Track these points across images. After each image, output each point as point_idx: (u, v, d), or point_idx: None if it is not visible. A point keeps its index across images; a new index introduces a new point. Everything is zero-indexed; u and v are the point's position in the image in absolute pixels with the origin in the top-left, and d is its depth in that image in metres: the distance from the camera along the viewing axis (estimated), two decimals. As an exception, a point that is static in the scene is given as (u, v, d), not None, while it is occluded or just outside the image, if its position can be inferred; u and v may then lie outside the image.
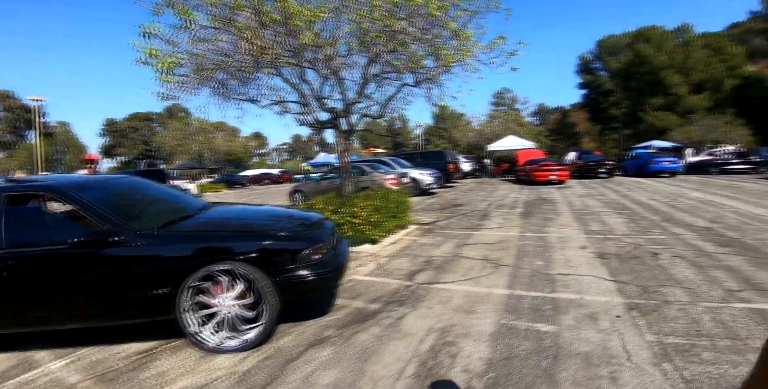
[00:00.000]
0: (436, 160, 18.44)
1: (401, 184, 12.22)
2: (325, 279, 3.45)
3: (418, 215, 9.85)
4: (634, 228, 7.55)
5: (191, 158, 38.58)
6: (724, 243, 6.27)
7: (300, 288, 3.37)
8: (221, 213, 4.19)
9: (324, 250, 3.52)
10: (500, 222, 8.47)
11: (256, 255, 3.23)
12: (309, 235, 3.55)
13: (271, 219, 4.02)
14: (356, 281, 4.87)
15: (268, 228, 3.62)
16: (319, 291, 3.54)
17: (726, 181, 18.20)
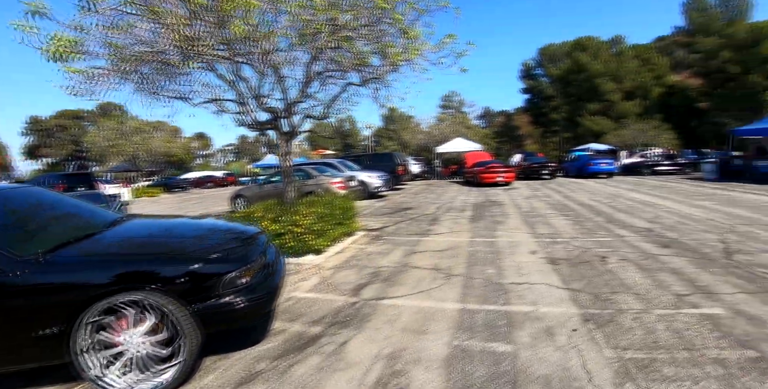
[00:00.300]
0: (385, 162, 18.19)
1: (349, 187, 11.81)
2: (256, 306, 2.98)
3: (367, 220, 9.49)
4: (580, 231, 7.59)
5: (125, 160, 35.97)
6: (665, 244, 6.41)
7: (225, 318, 2.88)
8: (132, 230, 3.57)
9: (253, 272, 3.04)
10: (450, 227, 8.28)
11: (169, 282, 2.72)
12: (235, 255, 3.04)
13: (192, 236, 3.46)
14: (297, 299, 4.41)
15: (185, 249, 3.08)
16: (249, 319, 3.05)
17: (657, 181, 19.32)
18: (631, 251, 6.02)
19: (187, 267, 2.81)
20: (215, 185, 38.07)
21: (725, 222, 8.17)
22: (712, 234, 7.11)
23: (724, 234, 7.01)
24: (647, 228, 7.68)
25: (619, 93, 44.15)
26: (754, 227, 7.58)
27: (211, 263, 2.89)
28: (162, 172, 44.10)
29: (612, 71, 44.15)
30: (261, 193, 11.83)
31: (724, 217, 8.68)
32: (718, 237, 6.79)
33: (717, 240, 6.64)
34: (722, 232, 7.18)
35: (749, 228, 7.45)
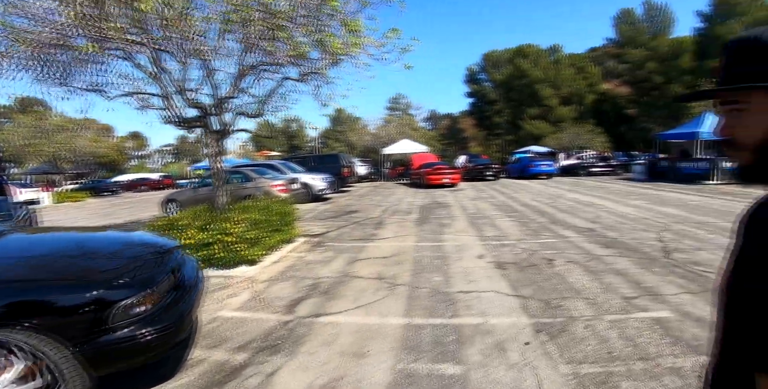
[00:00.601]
0: (331, 163, 17.67)
1: (291, 190, 11.22)
2: (162, 337, 2.44)
3: (308, 225, 8.97)
4: (525, 232, 7.54)
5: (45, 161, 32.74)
6: (608, 244, 6.45)
7: (122, 355, 2.34)
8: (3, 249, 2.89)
9: (157, 296, 2.50)
10: (395, 231, 7.96)
11: (41, 317, 2.15)
12: (132, 278, 2.48)
13: (78, 254, 2.83)
14: (222, 319, 3.86)
15: (65, 272, 2.49)
16: (154, 353, 2.49)
17: (593, 181, 20.21)
18: (577, 252, 5.98)
19: (67, 296, 2.24)
20: (150, 188, 35.67)
21: (659, 220, 8.46)
22: (650, 232, 7.30)
23: (661, 233, 7.21)
24: (589, 229, 7.77)
25: (556, 98, 46.28)
26: (685, 225, 7.89)
27: (100, 289, 2.32)
28: (91, 175, 40.79)
29: (550, 78, 46.22)
30: (195, 197, 10.94)
31: (658, 216, 9.02)
32: (656, 236, 6.96)
33: (655, 238, 6.79)
34: (658, 231, 7.38)
35: (681, 227, 7.74)
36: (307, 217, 10.30)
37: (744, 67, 0.69)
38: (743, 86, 0.69)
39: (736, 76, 0.70)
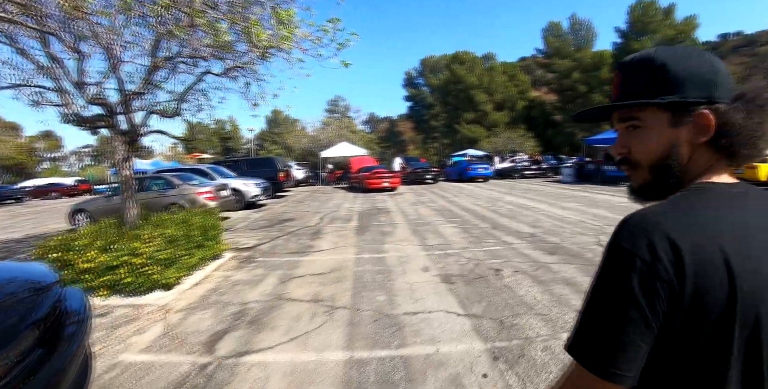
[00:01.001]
0: (266, 167, 16.71)
1: (220, 197, 10.29)
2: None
3: (238, 237, 8.19)
4: (469, 239, 7.32)
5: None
6: (552, 250, 6.37)
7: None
8: None
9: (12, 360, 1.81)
10: (334, 241, 7.41)
11: None
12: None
13: None
14: (124, 366, 3.12)
15: None
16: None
17: (526, 184, 20.85)
18: (522, 261, 5.80)
19: None
20: (63, 195, 32.12)
21: (594, 223, 8.65)
22: (588, 236, 7.36)
23: (599, 237, 7.30)
24: (531, 234, 7.72)
25: (490, 104, 47.96)
26: None
27: None
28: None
29: (485, 84, 47.82)
30: (108, 207, 9.70)
31: (592, 219, 9.23)
32: (594, 240, 7.03)
33: (594, 243, 6.84)
34: (596, 234, 7.48)
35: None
36: (238, 227, 9.48)
37: (637, 86, 0.71)
38: (635, 103, 0.71)
39: (630, 94, 0.71)
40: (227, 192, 10.94)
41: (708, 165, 0.70)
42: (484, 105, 47.68)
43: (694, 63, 0.68)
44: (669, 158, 0.70)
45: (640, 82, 0.71)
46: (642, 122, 0.71)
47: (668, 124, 0.69)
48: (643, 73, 0.70)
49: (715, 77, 0.67)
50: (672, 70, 0.68)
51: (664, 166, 0.71)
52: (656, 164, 0.71)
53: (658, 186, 0.73)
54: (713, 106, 0.66)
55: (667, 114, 0.69)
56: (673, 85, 0.68)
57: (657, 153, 0.70)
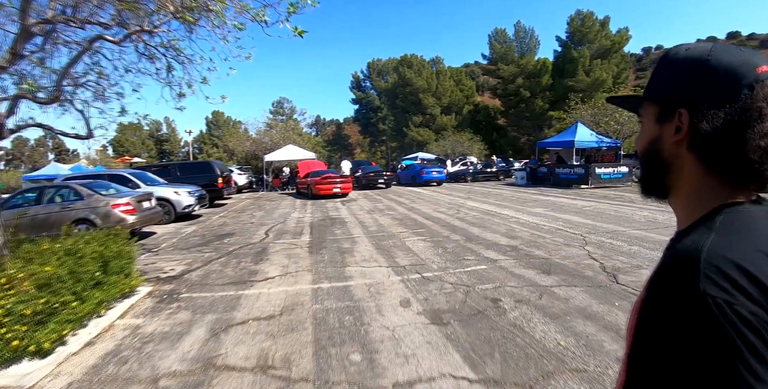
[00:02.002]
0: (202, 172, 14.82)
1: (142, 210, 8.55)
2: None
3: (162, 260, 6.60)
4: (445, 256, 6.25)
5: None
6: (544, 268, 5.50)
7: None
8: None
9: None
10: (284, 265, 6.03)
11: None
12: None
13: None
14: None
15: None
16: None
17: (482, 188, 20.31)
18: (518, 284, 4.83)
19: None
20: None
21: (572, 231, 8.00)
22: (574, 248, 6.67)
23: (585, 248, 6.62)
24: (512, 247, 6.82)
25: (438, 107, 47.90)
26: (600, 235, 7.56)
27: None
28: None
29: (433, 88, 47.69)
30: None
31: (567, 226, 8.58)
32: (584, 253, 6.32)
33: (586, 256, 6.12)
34: (581, 246, 6.78)
35: (598, 238, 7.36)
36: (164, 247, 7.82)
37: (650, 82, 0.73)
38: (632, 97, 0.77)
39: (646, 90, 0.74)
40: (152, 203, 9.18)
41: (700, 175, 0.66)
42: (432, 108, 47.51)
43: (700, 63, 0.64)
44: (652, 152, 0.70)
45: (652, 78, 0.72)
46: (643, 117, 0.73)
47: (655, 119, 0.69)
48: (656, 70, 0.71)
49: (713, 79, 0.63)
50: (672, 68, 0.68)
51: (649, 159, 0.71)
52: (644, 157, 0.73)
53: (647, 180, 0.74)
54: (696, 108, 0.63)
55: (657, 109, 0.69)
56: (670, 83, 0.68)
57: (645, 146, 0.72)
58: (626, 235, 7.54)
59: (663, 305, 0.56)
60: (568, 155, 22.28)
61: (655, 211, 10.55)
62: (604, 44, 43.36)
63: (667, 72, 0.68)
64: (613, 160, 20.80)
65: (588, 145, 19.95)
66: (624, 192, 16.32)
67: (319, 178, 16.89)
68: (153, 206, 9.12)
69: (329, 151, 64.81)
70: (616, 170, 19.16)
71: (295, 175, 23.62)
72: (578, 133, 19.83)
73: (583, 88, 41.38)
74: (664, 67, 0.69)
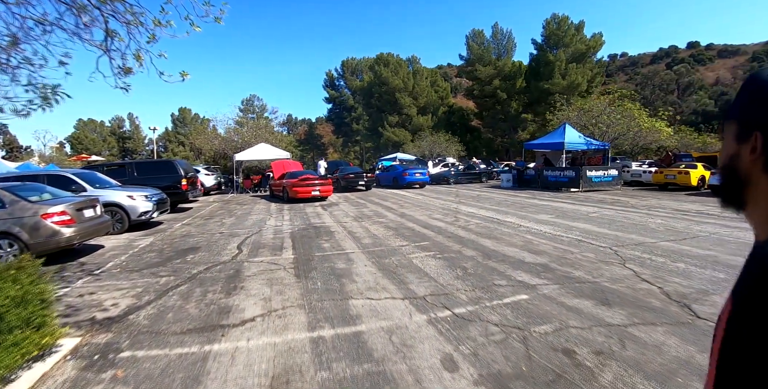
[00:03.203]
0: (164, 173, 13.08)
1: (83, 220, 6.91)
2: None
3: (103, 289, 5.06)
4: (469, 281, 5.01)
5: None
6: (598, 296, 4.41)
7: None
8: None
9: None
10: (265, 296, 4.62)
11: None
12: None
13: None
14: None
15: None
16: None
17: (468, 190, 19.25)
18: (582, 324, 3.68)
19: None
20: None
21: (597, 243, 7.08)
22: (614, 266, 5.71)
23: (627, 266, 5.62)
24: (542, 265, 5.68)
25: (415, 108, 46.90)
26: (631, 249, 6.74)
27: None
28: None
29: (409, 87, 46.67)
30: None
31: (588, 237, 7.62)
32: (630, 273, 5.36)
33: (633, 276, 5.13)
34: (620, 263, 5.81)
35: (632, 252, 6.51)
36: (111, 266, 6.25)
37: (734, 99, 0.73)
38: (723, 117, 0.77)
39: (729, 106, 0.75)
40: (97, 210, 7.52)
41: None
42: (408, 108, 46.48)
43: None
44: (731, 167, 0.71)
45: (736, 96, 0.73)
46: (725, 133, 0.74)
47: (734, 136, 0.70)
48: (740, 89, 0.71)
49: None
50: (752, 89, 0.68)
51: (727, 174, 0.72)
52: (723, 171, 0.74)
53: (725, 192, 0.74)
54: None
55: (737, 128, 0.70)
56: (749, 104, 0.68)
57: (724, 161, 0.73)
58: (660, 249, 6.59)
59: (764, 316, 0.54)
60: (554, 157, 21.56)
61: (666, 218, 9.72)
62: (579, 48, 43.43)
63: (747, 92, 0.68)
64: (601, 162, 20.20)
65: (577, 147, 19.25)
66: (617, 196, 15.61)
67: (296, 180, 15.38)
68: (99, 214, 7.47)
69: (301, 150, 62.81)
70: (606, 173, 18.51)
71: (267, 176, 21.96)
72: (567, 135, 19.08)
73: (558, 91, 41.33)
74: (746, 87, 0.69)
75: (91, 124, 71.75)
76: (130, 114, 74.71)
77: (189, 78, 4.42)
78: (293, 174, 16.52)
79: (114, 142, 72.26)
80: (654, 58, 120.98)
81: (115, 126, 74.47)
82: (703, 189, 17.77)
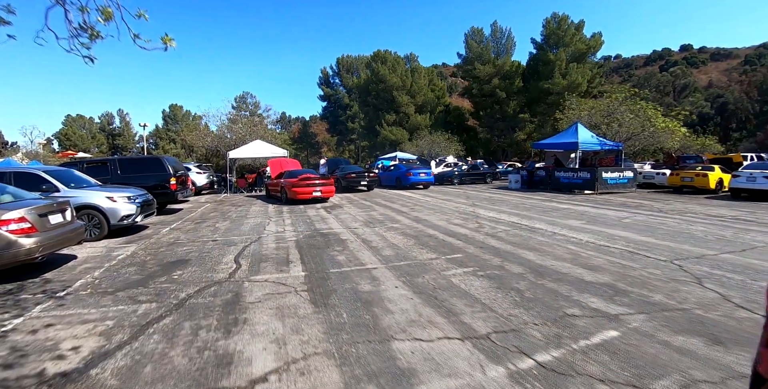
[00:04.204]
0: (150, 171, 11.87)
1: (48, 228, 5.72)
2: None
3: (63, 323, 3.90)
4: (534, 311, 3.95)
5: None
6: (699, 330, 3.49)
7: None
8: None
9: None
10: (277, 338, 3.45)
11: None
12: None
13: None
14: None
15: None
16: None
17: (476, 191, 18.22)
18: (714, 377, 2.82)
19: None
20: None
21: (654, 256, 6.23)
22: (691, 286, 4.84)
23: (706, 286, 4.66)
24: (609, 286, 4.66)
25: (412, 106, 45.85)
26: (698, 264, 5.71)
27: None
28: None
29: (407, 85, 45.62)
30: None
31: (639, 248, 6.77)
32: (716, 296, 4.37)
33: (721, 300, 4.34)
34: (696, 282, 4.88)
35: (699, 267, 5.61)
36: (81, 286, 5.08)
37: None
38: None
39: None
40: (67, 215, 6.32)
41: None
42: (406, 107, 45.41)
43: None
44: None
45: None
46: None
47: None
48: None
49: None
50: None
51: None
52: None
53: None
54: None
55: None
56: None
57: None
58: (726, 262, 5.68)
59: None
60: (564, 157, 20.62)
61: (707, 225, 8.81)
62: (579, 48, 42.69)
63: None
64: (613, 163, 19.28)
65: (591, 148, 18.29)
66: (637, 199, 14.66)
67: (295, 180, 14.23)
68: (69, 220, 6.27)
69: (295, 149, 61.47)
70: (621, 175, 17.57)
71: (263, 175, 20.76)
72: (579, 135, 18.13)
73: (558, 91, 40.57)
74: None
75: (80, 120, 69.79)
76: (120, 110, 73.00)
77: (174, 46, 3.32)
78: (292, 173, 15.36)
79: (103, 138, 70.40)
80: (648, 60, 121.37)
81: (104, 122, 72.61)
82: (721, 192, 16.94)
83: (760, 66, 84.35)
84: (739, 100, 69.27)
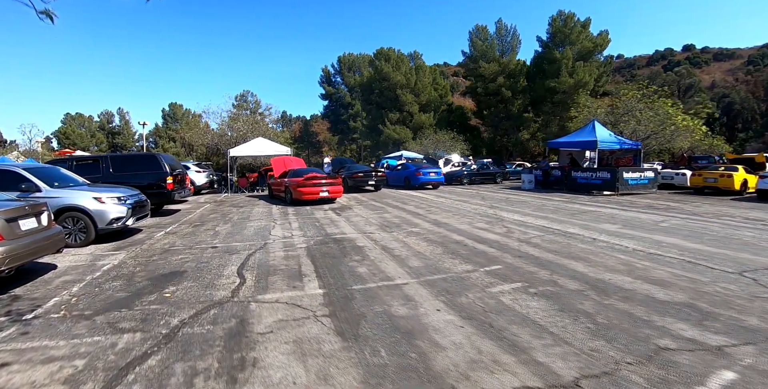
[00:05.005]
0: (145, 169, 10.99)
1: (20, 235, 4.86)
2: None
3: (21, 360, 3.04)
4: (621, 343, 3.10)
5: None
6: None
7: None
8: None
9: None
10: None
11: None
12: None
13: None
14: None
15: None
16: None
17: (489, 192, 17.36)
18: None
19: None
20: None
21: (715, 266, 5.43)
22: None
23: None
24: (688, 306, 3.87)
25: (416, 105, 44.96)
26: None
27: None
28: None
29: (411, 83, 44.74)
30: None
31: (694, 256, 5.99)
32: None
33: None
34: None
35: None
36: (53, 305, 4.21)
37: None
38: None
39: None
40: (44, 220, 5.45)
41: None
42: (410, 105, 44.48)
43: None
44: None
45: None
46: None
47: None
48: None
49: None
50: None
51: None
52: None
53: None
54: None
55: None
56: None
57: None
58: None
59: None
60: (579, 157, 19.77)
61: (752, 229, 8.03)
62: (586, 46, 41.85)
63: None
64: (631, 163, 18.44)
65: (609, 147, 17.44)
66: (661, 200, 13.82)
67: (301, 179, 13.36)
68: (45, 225, 5.39)
69: (296, 148, 60.60)
70: (642, 175, 16.72)
71: (265, 174, 19.89)
72: (597, 133, 17.28)
73: (565, 89, 39.76)
74: None
75: (79, 118, 68.91)
76: (120, 109, 72.19)
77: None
78: (297, 172, 14.47)
79: (102, 137, 69.50)
80: (650, 60, 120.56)
81: (104, 121, 71.74)
82: (746, 193, 16.13)
83: (763, 66, 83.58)
84: (746, 99, 68.50)
